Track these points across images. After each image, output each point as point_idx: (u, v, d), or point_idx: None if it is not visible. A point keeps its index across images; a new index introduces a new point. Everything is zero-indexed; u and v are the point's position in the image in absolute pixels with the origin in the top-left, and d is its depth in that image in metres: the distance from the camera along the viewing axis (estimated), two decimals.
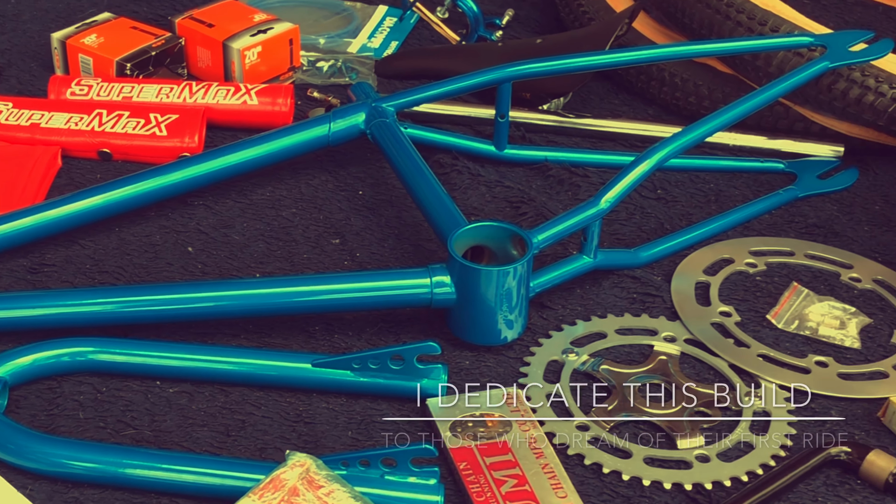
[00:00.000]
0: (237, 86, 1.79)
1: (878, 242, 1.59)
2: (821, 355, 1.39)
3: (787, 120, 1.76)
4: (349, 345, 1.39)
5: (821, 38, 1.62)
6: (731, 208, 1.64)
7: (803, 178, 1.70)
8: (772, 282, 1.51)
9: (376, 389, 1.31)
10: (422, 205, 1.50)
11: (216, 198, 1.62)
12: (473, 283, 1.34)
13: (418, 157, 1.55)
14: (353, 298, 1.37)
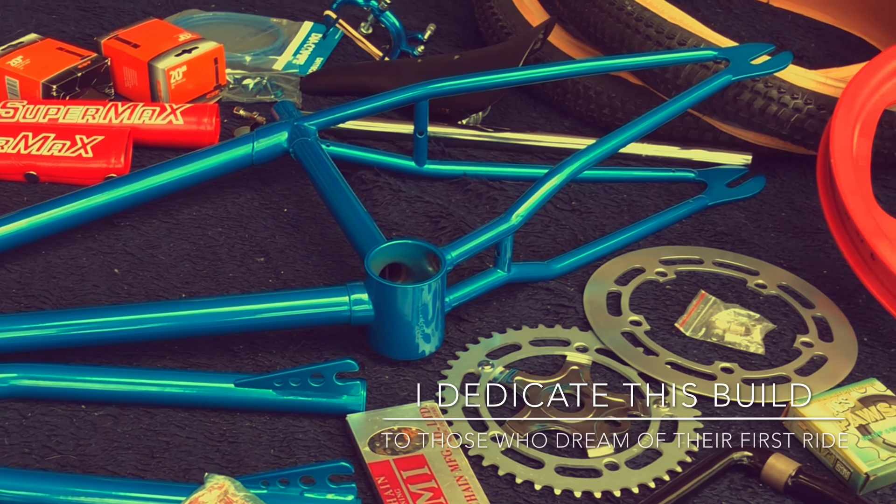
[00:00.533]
0: (163, 106, 1.80)
1: (784, 248, 1.63)
2: (727, 361, 1.43)
3: (696, 130, 1.79)
4: (273, 363, 1.41)
5: (724, 51, 1.66)
6: (643, 218, 1.67)
7: (713, 187, 1.74)
8: (681, 290, 1.55)
9: (298, 407, 1.33)
10: (342, 223, 1.52)
11: (143, 218, 1.63)
12: (390, 301, 1.37)
13: (339, 176, 1.57)
14: (274, 318, 1.39)
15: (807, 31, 2.17)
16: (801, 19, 2.24)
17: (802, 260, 1.61)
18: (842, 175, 1.49)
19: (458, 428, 1.32)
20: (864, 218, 1.45)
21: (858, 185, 1.49)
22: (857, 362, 1.44)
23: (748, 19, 2.22)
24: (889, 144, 1.72)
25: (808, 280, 1.56)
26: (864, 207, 1.46)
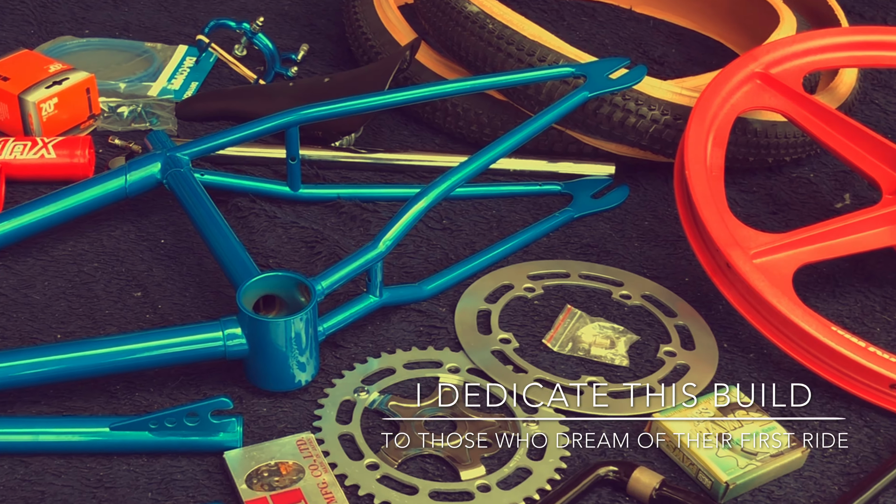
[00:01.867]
0: (34, 140, 1.74)
1: (647, 258, 1.63)
2: (593, 375, 1.43)
3: (561, 143, 1.79)
4: (151, 401, 1.38)
5: (581, 67, 1.66)
6: (511, 233, 1.66)
7: (578, 199, 1.74)
8: (549, 305, 1.54)
9: (175, 447, 1.30)
10: (216, 256, 1.49)
11: (16, 257, 1.58)
12: (262, 334, 1.34)
13: (212, 207, 1.54)
14: (148, 357, 1.36)
15: (667, 37, 2.18)
16: (663, 25, 2.25)
17: (665, 269, 1.61)
18: (696, 186, 1.50)
19: (334, 458, 1.30)
20: (718, 228, 1.46)
21: (712, 195, 1.50)
22: (718, 369, 1.45)
23: (612, 27, 2.22)
24: (744, 150, 1.74)
25: (671, 288, 1.57)
26: (718, 218, 1.47)
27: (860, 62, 1.75)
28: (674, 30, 2.23)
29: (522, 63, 1.73)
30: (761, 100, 1.66)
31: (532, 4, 2.26)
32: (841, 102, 1.83)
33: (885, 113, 1.98)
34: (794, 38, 1.71)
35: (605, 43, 2.17)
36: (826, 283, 1.60)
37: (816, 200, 1.76)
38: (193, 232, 1.64)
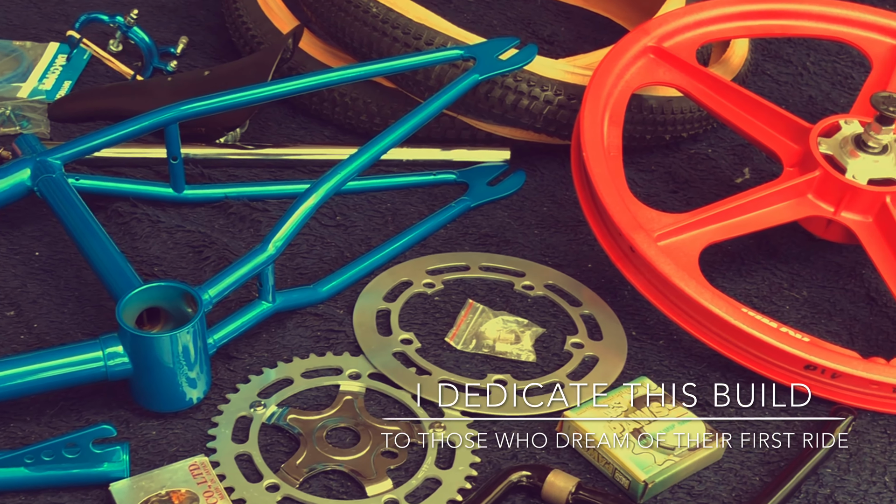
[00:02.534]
0: None
1: (548, 245, 1.54)
2: (500, 373, 1.33)
3: (454, 130, 1.69)
4: (28, 432, 1.24)
5: (470, 49, 1.56)
6: (407, 227, 1.55)
7: (474, 187, 1.64)
8: (450, 300, 1.44)
9: (56, 482, 1.18)
10: (94, 267, 1.36)
11: None
12: (146, 351, 1.22)
13: (88, 215, 1.40)
14: (22, 385, 1.22)
15: (556, 16, 2.08)
16: (551, 3, 2.15)
17: (567, 255, 1.52)
18: (595, 168, 1.41)
19: (231, 481, 1.18)
20: (619, 211, 1.36)
21: (612, 176, 1.41)
22: (627, 359, 1.37)
23: (499, 7, 2.12)
24: (640, 128, 1.65)
25: (574, 276, 1.48)
26: (619, 200, 1.37)
27: (752, 32, 1.66)
28: (562, 8, 2.13)
29: (409, 47, 1.62)
30: (655, 75, 1.57)
31: None
32: (735, 74, 1.75)
33: (778, 84, 1.91)
34: (686, 9, 1.62)
35: (494, 24, 2.06)
36: (732, 262, 1.52)
37: (716, 176, 1.68)
38: (70, 242, 1.49)
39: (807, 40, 2.01)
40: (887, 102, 1.41)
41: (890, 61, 1.62)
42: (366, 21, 1.65)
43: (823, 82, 1.91)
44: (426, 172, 1.66)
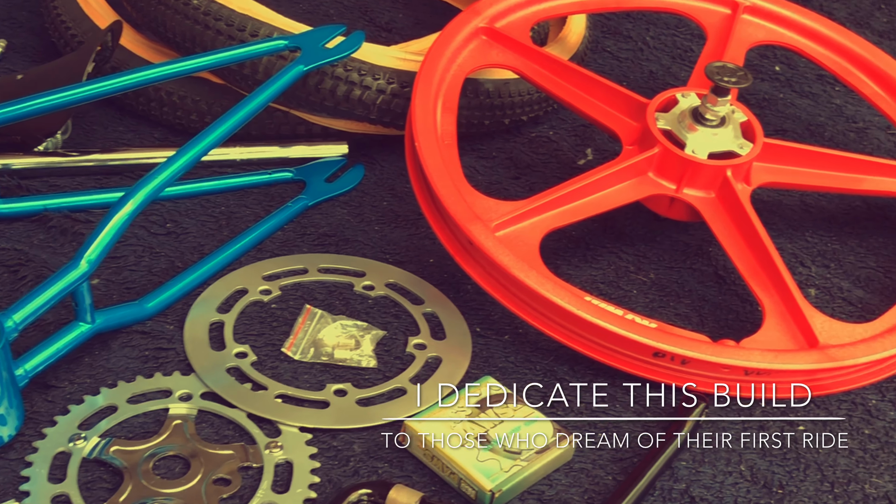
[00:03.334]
0: None
1: (388, 241, 1.42)
2: (340, 382, 1.21)
3: (288, 125, 1.55)
4: None
5: (295, 39, 1.42)
6: (242, 231, 1.41)
7: (312, 184, 1.51)
8: (288, 307, 1.31)
9: None
10: None
11: None
12: None
13: None
14: None
15: (394, 2, 1.96)
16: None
17: (408, 251, 1.40)
18: (428, 158, 1.29)
19: None
20: (455, 202, 1.25)
21: (447, 166, 1.29)
22: (472, 357, 1.26)
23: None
24: (478, 113, 1.54)
25: (416, 273, 1.36)
26: (454, 191, 1.26)
27: (585, 7, 1.57)
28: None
29: (234, 40, 1.48)
30: (489, 57, 1.46)
31: None
32: (573, 53, 1.65)
33: (618, 60, 1.82)
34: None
35: (330, 13, 1.93)
36: (577, 248, 1.42)
37: (559, 159, 1.58)
38: None
39: (646, 15, 1.93)
40: (721, 72, 1.32)
41: (724, 31, 1.54)
42: (187, 14, 1.50)
43: (664, 56, 1.82)
44: (261, 172, 1.53)
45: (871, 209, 1.50)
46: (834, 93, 1.75)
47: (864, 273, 1.41)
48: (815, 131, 1.66)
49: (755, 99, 1.72)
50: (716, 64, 1.33)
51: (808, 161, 1.39)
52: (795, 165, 1.39)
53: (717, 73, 1.32)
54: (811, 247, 1.44)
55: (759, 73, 1.78)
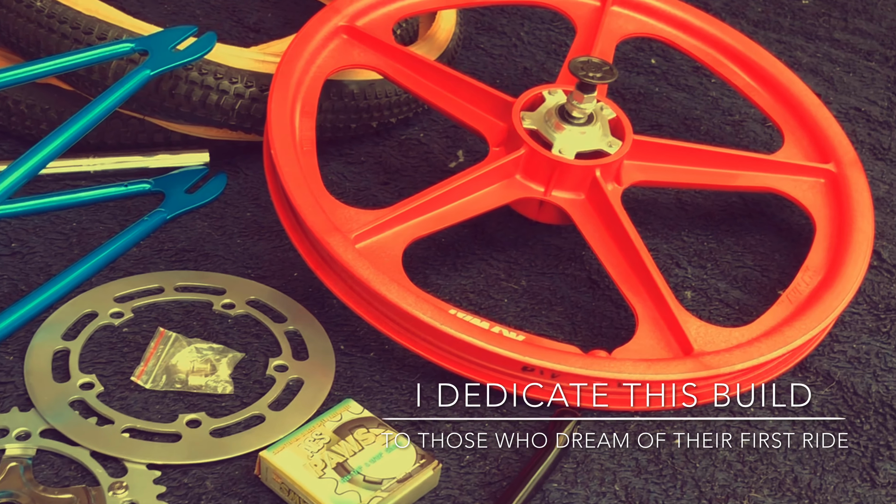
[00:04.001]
0: None
1: (251, 255, 1.31)
2: (194, 412, 1.10)
3: (145, 133, 1.43)
4: None
5: (142, 41, 1.30)
6: (93, 248, 1.29)
7: (171, 196, 1.38)
8: (141, 331, 1.19)
9: None
10: None
11: None
12: None
13: None
14: None
15: (263, 2, 1.83)
16: None
17: (272, 265, 1.29)
18: (284, 166, 1.18)
19: None
20: (312, 213, 1.15)
21: (304, 174, 1.19)
22: (336, 377, 1.16)
23: None
24: (343, 116, 1.43)
25: (280, 288, 1.26)
26: (312, 200, 1.16)
27: (449, 3, 1.47)
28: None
29: (80, 44, 1.35)
30: (350, 57, 1.35)
31: None
32: (442, 51, 1.55)
33: (492, 57, 1.72)
34: None
35: (196, 13, 1.80)
36: (447, 255, 1.32)
37: (429, 163, 1.48)
38: None
39: (521, 9, 1.83)
40: (586, 68, 1.23)
41: (593, 24, 1.45)
42: (30, 17, 1.37)
43: (539, 52, 1.73)
44: (117, 184, 1.40)
45: (748, 205, 1.43)
46: (710, 85, 1.68)
47: (742, 273, 1.33)
48: (691, 125, 1.58)
49: (630, 94, 1.64)
50: (580, 59, 1.24)
51: (680, 157, 1.31)
52: (667, 162, 1.32)
53: (581, 68, 1.23)
54: (687, 247, 1.36)
55: (635, 67, 1.70)
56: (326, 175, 1.43)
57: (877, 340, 1.25)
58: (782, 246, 1.37)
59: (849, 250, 1.24)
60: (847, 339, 1.25)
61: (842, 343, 1.25)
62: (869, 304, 1.30)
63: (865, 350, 1.24)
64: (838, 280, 1.21)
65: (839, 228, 1.27)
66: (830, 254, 1.25)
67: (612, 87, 1.65)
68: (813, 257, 1.25)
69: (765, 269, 1.34)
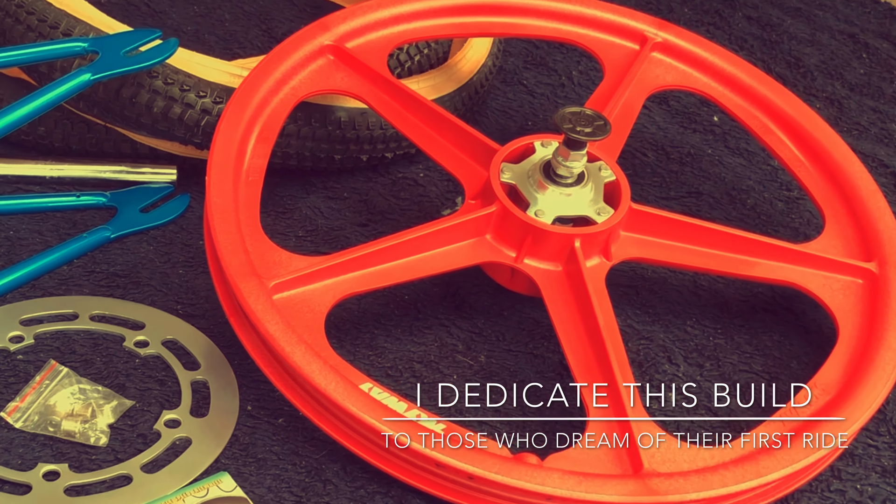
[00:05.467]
0: None
1: (188, 289, 1.22)
2: (57, 462, 1.01)
3: (110, 141, 1.36)
4: None
5: (95, 42, 1.23)
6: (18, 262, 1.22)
7: (124, 213, 1.31)
8: (37, 360, 1.12)
9: None
10: None
11: None
12: None
13: None
14: None
15: (300, 11, 1.77)
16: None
17: (207, 303, 1.20)
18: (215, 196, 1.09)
19: None
20: (231, 252, 1.05)
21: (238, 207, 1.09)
22: (231, 442, 1.05)
23: None
24: (326, 146, 1.33)
25: (208, 329, 1.16)
26: (235, 238, 1.05)
27: (461, 30, 1.35)
28: (311, 2, 1.80)
29: (45, 38, 1.29)
30: (332, 81, 1.25)
31: None
32: (462, 83, 1.44)
33: (533, 96, 1.60)
34: (379, 1, 1.30)
35: (225, 18, 1.74)
36: (406, 315, 1.21)
37: (421, 206, 1.36)
38: None
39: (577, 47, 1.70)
40: (575, 120, 1.10)
41: (624, 68, 1.32)
42: (0, 3, 1.32)
43: (586, 95, 1.59)
44: (69, 193, 1.33)
45: (776, 298, 1.27)
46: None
47: (744, 379, 1.17)
48: (736, 197, 1.42)
49: (678, 153, 1.49)
50: (569, 110, 1.11)
51: (686, 235, 1.16)
52: (670, 239, 1.17)
53: (568, 120, 1.10)
54: (688, 339, 1.20)
55: (693, 123, 1.55)
56: (300, 208, 1.34)
57: (889, 484, 1.07)
58: (804, 353, 1.20)
59: (871, 369, 1.06)
60: (851, 476, 1.07)
61: (843, 481, 1.07)
62: (892, 436, 1.12)
63: (871, 494, 1.06)
64: (849, 403, 1.04)
65: (866, 341, 1.10)
66: (848, 370, 1.08)
67: (658, 141, 1.51)
68: (826, 371, 1.08)
69: (774, 377, 1.17)
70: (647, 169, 1.48)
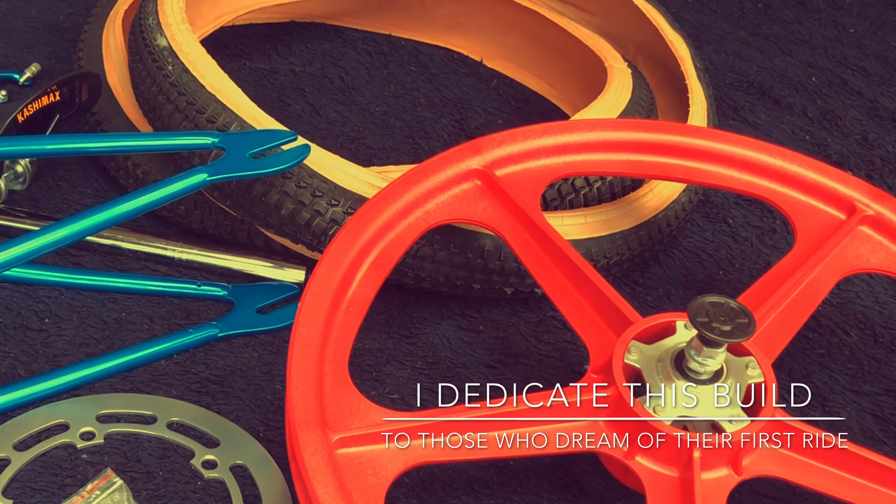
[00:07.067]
0: None
1: (278, 409, 1.20)
2: None
3: (244, 233, 1.37)
4: None
5: (225, 139, 1.23)
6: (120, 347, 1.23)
7: (239, 310, 1.31)
8: (101, 462, 1.12)
9: None
10: None
11: None
12: None
13: None
14: None
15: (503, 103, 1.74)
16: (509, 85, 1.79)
17: None
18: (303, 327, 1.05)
19: None
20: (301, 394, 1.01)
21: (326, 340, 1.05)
22: None
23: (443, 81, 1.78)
24: (465, 273, 1.29)
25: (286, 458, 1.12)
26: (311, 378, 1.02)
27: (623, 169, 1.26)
28: (520, 93, 1.76)
29: (189, 122, 1.31)
30: (471, 209, 1.20)
31: (357, 45, 1.81)
32: (644, 220, 1.35)
33: (735, 239, 1.49)
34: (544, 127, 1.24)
35: (420, 102, 1.73)
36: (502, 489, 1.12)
37: (563, 356, 1.29)
38: None
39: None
40: (713, 314, 0.99)
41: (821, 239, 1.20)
42: (155, 78, 1.35)
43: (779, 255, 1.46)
44: (190, 281, 1.34)
45: None
46: None
47: None
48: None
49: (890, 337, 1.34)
50: (709, 299, 1.00)
51: (836, 460, 1.02)
52: (821, 462, 1.03)
53: (704, 313, 0.98)
54: None
55: None
56: (427, 335, 1.29)
57: None
58: None
59: None
60: None
61: None
62: None
63: None
64: None
65: None
66: None
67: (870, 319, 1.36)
68: None
69: None
70: (844, 351, 1.34)
